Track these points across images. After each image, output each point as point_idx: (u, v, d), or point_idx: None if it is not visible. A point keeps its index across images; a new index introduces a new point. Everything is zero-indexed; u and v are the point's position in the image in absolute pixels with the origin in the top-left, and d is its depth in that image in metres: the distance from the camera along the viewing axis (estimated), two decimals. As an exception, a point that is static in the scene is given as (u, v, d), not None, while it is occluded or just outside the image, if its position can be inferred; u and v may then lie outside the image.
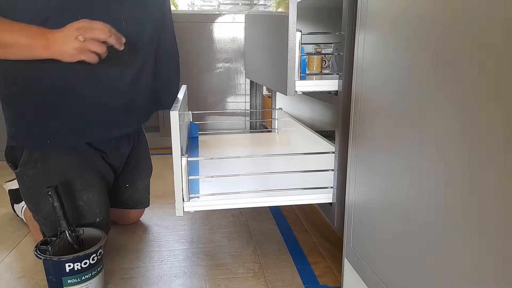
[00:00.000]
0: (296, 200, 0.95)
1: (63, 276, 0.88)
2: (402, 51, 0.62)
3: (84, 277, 0.90)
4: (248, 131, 2.22)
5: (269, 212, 1.45)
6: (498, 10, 0.42)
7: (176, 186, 0.89)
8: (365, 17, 0.74)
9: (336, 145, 0.89)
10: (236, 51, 2.26)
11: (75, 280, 0.89)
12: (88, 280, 0.91)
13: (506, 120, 0.42)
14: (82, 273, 0.89)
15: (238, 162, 1.21)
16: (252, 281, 1.03)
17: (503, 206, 0.43)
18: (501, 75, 0.42)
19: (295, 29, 0.82)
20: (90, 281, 0.92)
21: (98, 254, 0.92)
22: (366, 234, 0.77)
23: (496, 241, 0.44)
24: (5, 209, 1.49)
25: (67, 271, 0.88)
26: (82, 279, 0.90)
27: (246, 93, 2.33)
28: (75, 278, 0.89)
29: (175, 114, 0.87)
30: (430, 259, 0.56)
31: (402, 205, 0.63)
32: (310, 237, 1.27)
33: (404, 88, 0.61)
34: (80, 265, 0.89)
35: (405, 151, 0.62)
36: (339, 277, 1.05)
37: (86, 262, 0.89)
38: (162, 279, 1.04)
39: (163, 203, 1.46)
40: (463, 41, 0.48)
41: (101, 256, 0.93)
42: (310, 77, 1.10)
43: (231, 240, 1.24)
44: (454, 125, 0.50)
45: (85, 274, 0.90)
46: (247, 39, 1.58)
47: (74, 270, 0.88)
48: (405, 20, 0.60)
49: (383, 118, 0.68)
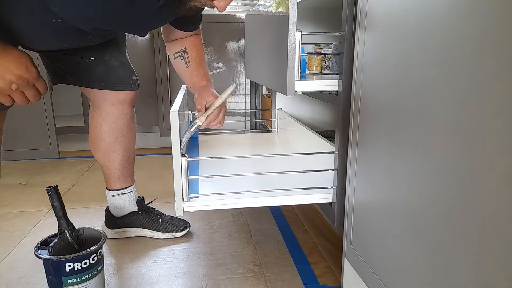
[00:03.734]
0: (296, 200, 0.95)
1: (63, 276, 0.88)
2: (402, 51, 0.62)
3: (84, 277, 0.90)
4: (248, 131, 2.22)
5: (269, 212, 1.45)
6: (498, 9, 0.42)
7: (176, 186, 0.89)
8: (365, 17, 0.74)
9: (336, 145, 0.89)
10: (236, 51, 2.26)
11: (75, 280, 0.89)
12: (88, 280, 0.91)
13: (506, 120, 0.42)
14: (82, 273, 0.89)
15: (238, 162, 1.21)
16: (252, 281, 1.03)
17: (503, 206, 0.43)
18: (501, 74, 0.42)
19: (295, 29, 0.82)
20: (90, 281, 0.91)
21: (98, 254, 0.92)
22: (366, 234, 0.77)
23: (496, 241, 0.44)
24: (5, 209, 1.49)
25: (67, 271, 0.88)
26: (82, 279, 0.90)
27: (246, 93, 2.33)
28: (75, 278, 0.89)
29: (175, 114, 0.87)
30: (429, 259, 0.56)
31: (402, 205, 0.63)
32: (310, 237, 1.27)
33: (404, 88, 0.61)
34: (80, 265, 0.88)
35: (405, 151, 0.62)
36: (339, 277, 1.05)
37: (86, 262, 0.89)
38: (162, 279, 1.04)
39: (163, 203, 1.46)
40: (463, 41, 0.48)
41: (101, 256, 0.93)
42: (310, 77, 1.10)
43: (231, 240, 1.24)
44: (453, 125, 0.50)
45: (85, 274, 0.90)
46: (247, 39, 1.58)
47: (74, 270, 0.88)
48: (405, 20, 0.60)
49: (383, 118, 0.68)
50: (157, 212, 1.30)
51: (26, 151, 2.14)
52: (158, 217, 1.27)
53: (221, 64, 2.28)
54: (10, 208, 1.49)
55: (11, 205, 1.53)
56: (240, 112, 2.37)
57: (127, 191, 1.27)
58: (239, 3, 2.45)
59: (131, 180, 1.28)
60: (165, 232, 1.26)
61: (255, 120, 1.98)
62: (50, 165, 2.07)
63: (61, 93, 2.63)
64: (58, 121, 2.22)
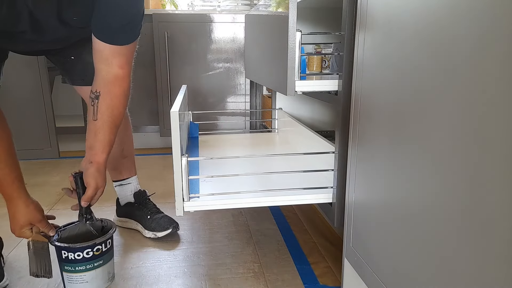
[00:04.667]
0: (296, 200, 0.95)
1: (61, 261, 0.94)
2: (402, 51, 0.62)
3: (78, 268, 0.94)
4: (248, 131, 2.22)
5: (269, 212, 1.45)
6: (498, 10, 0.42)
7: (176, 186, 0.89)
8: (365, 17, 0.74)
9: (336, 145, 0.89)
10: (236, 51, 2.26)
11: (70, 268, 0.94)
12: (82, 272, 0.94)
13: (507, 120, 0.42)
14: (76, 263, 0.93)
15: (238, 162, 1.21)
16: (252, 281, 1.03)
17: (503, 206, 0.43)
18: (501, 74, 0.42)
19: (295, 29, 0.82)
20: (85, 273, 0.94)
21: (95, 250, 0.94)
22: (366, 234, 0.77)
23: (496, 241, 0.44)
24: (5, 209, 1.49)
25: (63, 258, 0.93)
26: (76, 269, 0.94)
27: (246, 93, 2.33)
28: (70, 267, 0.94)
29: (175, 114, 0.87)
30: (429, 258, 0.56)
31: (402, 205, 0.63)
32: (310, 237, 1.27)
33: (404, 88, 0.61)
34: (73, 256, 0.92)
35: (405, 151, 0.62)
36: (339, 277, 1.05)
37: (79, 255, 0.92)
38: (162, 279, 1.04)
39: (163, 203, 1.46)
40: (463, 40, 0.48)
41: (99, 253, 0.95)
42: (310, 77, 1.10)
43: (231, 240, 1.24)
44: (453, 125, 0.50)
45: (79, 266, 0.93)
46: (247, 39, 1.58)
47: (69, 259, 0.93)
48: (405, 20, 0.60)
49: (383, 118, 0.68)
50: (152, 208, 1.31)
51: (26, 151, 2.14)
52: (149, 213, 1.29)
53: (221, 64, 2.28)
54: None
55: (11, 205, 1.53)
56: (240, 112, 2.37)
57: (126, 183, 1.31)
58: (239, 3, 2.45)
59: (129, 173, 1.31)
60: (149, 231, 1.26)
61: (255, 120, 1.98)
62: (50, 165, 2.07)
63: (61, 93, 2.63)
64: (58, 121, 2.22)
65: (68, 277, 0.94)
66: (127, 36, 0.94)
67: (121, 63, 0.95)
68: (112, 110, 0.96)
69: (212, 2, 2.51)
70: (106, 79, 0.95)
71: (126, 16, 0.91)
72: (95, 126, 0.96)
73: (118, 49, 0.93)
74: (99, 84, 0.96)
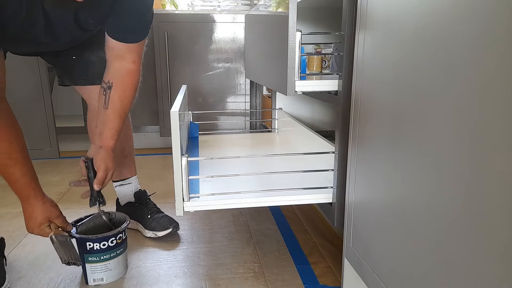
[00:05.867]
0: (296, 200, 0.95)
1: (85, 253, 0.98)
2: (402, 51, 0.62)
3: (103, 257, 0.99)
4: (248, 131, 2.22)
5: (269, 212, 1.45)
6: (497, 10, 0.42)
7: (176, 186, 0.89)
8: (365, 17, 0.74)
9: (336, 145, 0.89)
10: (236, 51, 2.26)
11: (95, 258, 0.98)
12: (107, 261, 1.00)
13: (506, 120, 0.42)
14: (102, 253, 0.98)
15: (238, 162, 1.21)
16: (252, 281, 1.03)
17: (503, 206, 0.43)
18: (501, 74, 0.42)
19: (295, 29, 0.82)
20: (109, 261, 1.00)
21: (117, 238, 0.99)
22: (366, 234, 0.77)
23: (496, 241, 0.44)
24: (5, 209, 1.49)
25: (88, 249, 0.97)
26: (101, 259, 0.99)
27: (246, 93, 2.33)
28: (95, 257, 0.99)
29: (175, 114, 0.87)
30: (429, 258, 0.56)
31: (402, 205, 0.63)
32: (310, 237, 1.27)
33: (404, 88, 0.61)
34: (99, 245, 0.98)
35: (405, 151, 0.62)
36: (339, 277, 1.05)
37: (104, 244, 0.97)
38: (162, 279, 1.04)
39: (163, 203, 1.46)
40: (463, 40, 0.48)
41: (121, 240, 1.01)
42: (310, 77, 1.10)
43: (231, 240, 1.24)
44: (453, 125, 0.50)
45: (104, 254, 0.99)
46: (247, 39, 1.58)
47: (94, 250, 0.98)
48: (405, 20, 0.60)
49: (383, 118, 0.68)
50: (152, 207, 1.31)
51: (26, 151, 2.14)
52: (150, 212, 1.29)
53: (221, 64, 2.28)
54: (10, 208, 1.49)
55: (11, 205, 1.53)
56: (240, 112, 2.37)
57: (126, 183, 1.32)
58: (239, 3, 2.45)
59: (129, 173, 1.31)
60: (150, 231, 1.26)
61: (255, 120, 1.98)
62: (50, 165, 2.07)
63: (61, 93, 2.63)
64: (58, 121, 2.22)
65: (91, 268, 0.99)
66: (139, 35, 1.00)
67: (133, 58, 1.01)
68: (122, 100, 1.02)
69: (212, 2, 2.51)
70: (119, 71, 1.01)
71: (140, 19, 0.98)
72: (106, 114, 1.02)
73: (131, 46, 1.00)
74: (112, 76, 1.01)
